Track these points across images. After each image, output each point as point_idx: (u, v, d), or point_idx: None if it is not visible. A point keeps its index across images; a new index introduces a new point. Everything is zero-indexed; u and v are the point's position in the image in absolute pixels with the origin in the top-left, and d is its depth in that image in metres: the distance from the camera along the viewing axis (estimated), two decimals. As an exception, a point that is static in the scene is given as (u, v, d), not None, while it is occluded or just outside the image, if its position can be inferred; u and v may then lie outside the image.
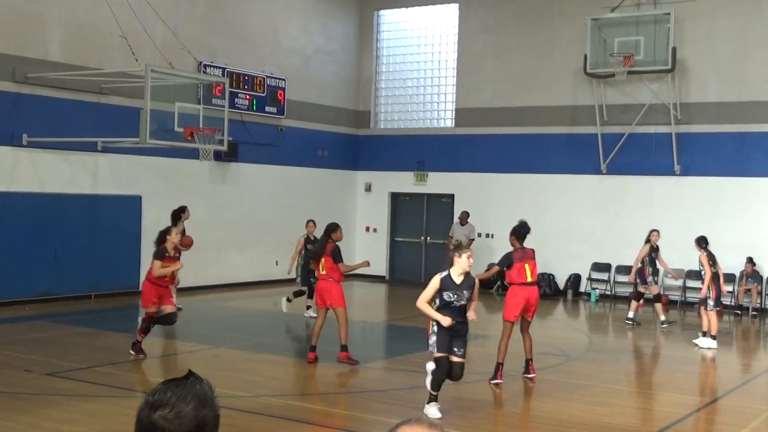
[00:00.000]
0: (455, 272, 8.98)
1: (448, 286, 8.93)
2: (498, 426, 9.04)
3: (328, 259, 11.74)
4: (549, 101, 22.02)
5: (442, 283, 8.93)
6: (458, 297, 8.92)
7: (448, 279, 8.95)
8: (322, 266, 11.77)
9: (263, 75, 21.66)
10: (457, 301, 8.92)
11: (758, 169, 19.65)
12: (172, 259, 11.89)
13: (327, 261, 11.73)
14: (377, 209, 24.61)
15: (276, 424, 8.74)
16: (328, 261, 11.73)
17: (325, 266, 11.75)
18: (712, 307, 14.54)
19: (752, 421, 9.57)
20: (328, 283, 11.76)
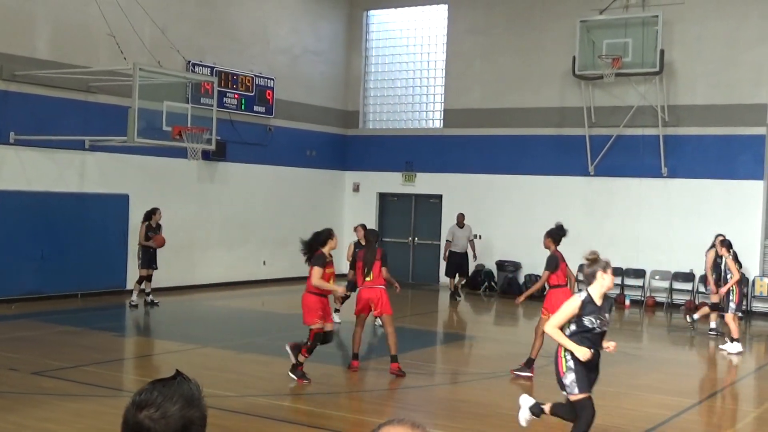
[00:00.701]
0: (596, 292, 7.39)
1: (590, 309, 7.34)
2: (486, 427, 9.05)
3: (378, 264, 11.41)
4: (537, 102, 22.07)
5: (584, 306, 7.34)
6: (601, 322, 7.37)
7: (590, 301, 7.36)
8: (373, 273, 11.38)
9: (252, 74, 21.63)
10: (600, 327, 7.37)
11: (745, 171, 19.75)
12: (329, 264, 11.06)
13: (377, 266, 11.40)
14: (365, 209, 24.60)
15: (263, 424, 8.73)
16: (378, 266, 11.40)
17: (373, 272, 11.37)
18: (734, 310, 14.62)
19: (738, 422, 9.62)
20: (377, 290, 11.36)
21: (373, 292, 11.32)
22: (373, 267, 11.32)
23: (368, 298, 11.33)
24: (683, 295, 20.28)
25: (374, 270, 11.32)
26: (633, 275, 20.85)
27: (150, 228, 16.86)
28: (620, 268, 20.91)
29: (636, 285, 20.77)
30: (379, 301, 11.30)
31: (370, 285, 11.35)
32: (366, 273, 11.37)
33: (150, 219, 16.87)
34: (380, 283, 11.35)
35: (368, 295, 11.34)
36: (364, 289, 11.41)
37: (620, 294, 20.66)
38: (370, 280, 11.34)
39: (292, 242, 23.31)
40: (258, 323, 16.80)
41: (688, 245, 20.11)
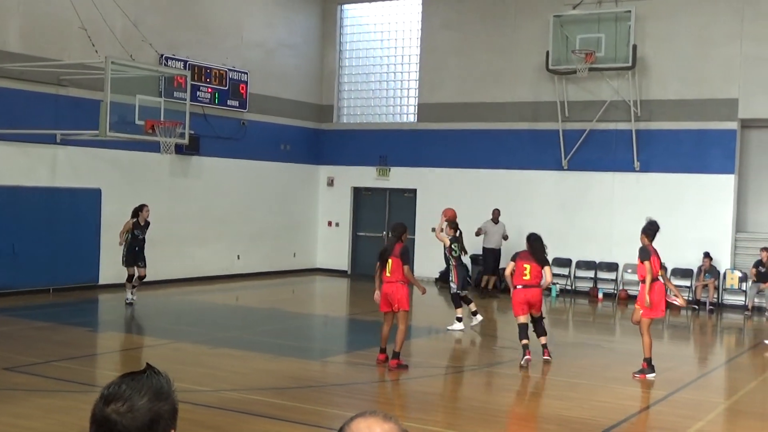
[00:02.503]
0: None
1: None
2: (458, 420, 9.08)
3: (396, 260, 11.25)
4: (511, 97, 22.14)
5: None
6: None
7: None
8: (389, 268, 11.24)
9: (225, 68, 21.53)
10: None
11: (716, 165, 19.93)
12: None
13: (395, 262, 11.23)
14: (340, 204, 24.59)
15: (236, 418, 8.71)
16: (396, 262, 11.23)
17: (392, 267, 11.23)
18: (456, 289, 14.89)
19: (708, 414, 9.71)
20: (394, 285, 11.24)
21: (390, 287, 11.22)
22: (391, 261, 11.20)
23: (386, 292, 11.27)
24: (655, 289, 20.39)
25: (393, 265, 11.19)
26: (606, 269, 20.98)
27: (137, 225, 16.25)
28: (593, 261, 21.07)
29: (609, 278, 20.91)
30: (395, 296, 11.18)
31: (389, 280, 11.24)
32: (384, 267, 11.26)
33: (137, 216, 16.27)
34: (398, 278, 11.20)
35: (386, 289, 11.27)
36: (385, 284, 11.32)
37: (593, 287, 20.83)
38: (390, 276, 11.22)
39: (266, 236, 23.39)
40: (232, 318, 16.74)
41: (660, 239, 20.13)
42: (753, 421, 9.69)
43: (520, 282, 12.06)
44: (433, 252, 22.86)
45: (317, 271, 24.36)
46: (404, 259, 11.26)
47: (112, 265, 18.72)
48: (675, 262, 20.10)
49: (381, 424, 2.12)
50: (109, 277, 18.66)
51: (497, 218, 20.64)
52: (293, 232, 23.93)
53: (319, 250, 24.78)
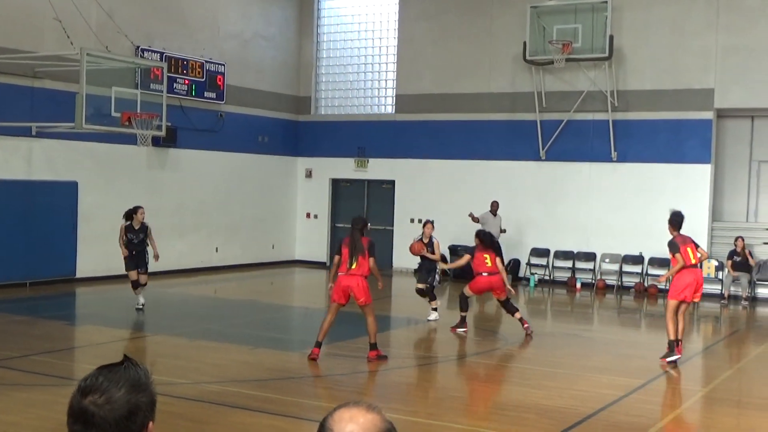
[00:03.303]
0: None
1: None
2: (438, 409, 9.10)
3: (365, 254, 11.03)
4: (489, 88, 22.17)
5: None
6: None
7: None
8: (356, 262, 10.98)
9: (202, 60, 21.42)
10: None
11: (693, 155, 20.06)
12: None
13: (363, 258, 11.00)
14: (318, 195, 24.56)
15: (215, 410, 8.69)
16: (365, 256, 11.01)
17: (359, 262, 10.97)
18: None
19: (685, 402, 9.80)
20: (358, 278, 10.98)
21: (352, 280, 10.97)
22: (360, 256, 10.96)
23: (347, 285, 10.97)
24: (633, 278, 20.57)
25: (361, 259, 10.96)
26: (584, 258, 21.09)
27: (131, 229, 14.86)
28: (571, 251, 21.17)
29: (587, 268, 21.02)
30: (359, 290, 10.95)
31: (353, 273, 10.97)
32: (351, 262, 10.99)
33: (131, 219, 14.85)
34: (363, 272, 10.99)
35: (347, 282, 10.98)
36: (344, 276, 11.03)
37: (571, 277, 20.94)
38: (354, 268, 10.98)
39: (244, 229, 23.33)
40: (210, 310, 16.69)
41: (637, 229, 20.41)
42: (729, 408, 9.79)
43: (485, 269, 13.64)
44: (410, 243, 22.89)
45: (296, 263, 24.33)
46: (371, 253, 11.08)
47: (89, 259, 18.64)
48: (652, 251, 20.24)
49: (364, 415, 2.12)
50: (87, 271, 18.57)
51: (495, 210, 20.38)
52: (271, 224, 23.87)
53: (298, 242, 24.74)
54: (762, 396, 10.27)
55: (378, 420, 2.13)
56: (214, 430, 8.13)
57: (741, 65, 19.49)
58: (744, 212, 20.53)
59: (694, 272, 11.82)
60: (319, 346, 11.13)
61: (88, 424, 2.16)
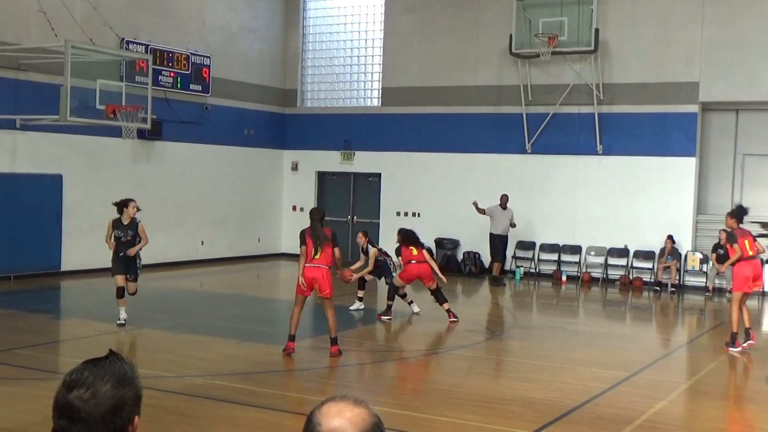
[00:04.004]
0: None
1: None
2: (423, 402, 9.12)
3: (329, 244, 10.91)
4: (475, 81, 22.18)
5: None
6: None
7: None
8: (320, 253, 10.83)
9: (187, 52, 21.33)
10: None
11: (678, 148, 20.14)
12: None
13: (328, 246, 10.90)
14: (304, 188, 24.53)
15: (201, 403, 8.68)
16: (329, 246, 10.90)
17: (323, 252, 10.84)
18: None
19: (670, 394, 9.85)
20: (323, 270, 10.84)
21: (318, 272, 10.84)
22: (324, 246, 10.85)
23: (312, 277, 10.83)
24: (618, 271, 20.65)
25: (325, 248, 10.87)
26: (569, 251, 21.15)
27: (118, 225, 12.71)
28: (557, 244, 21.23)
29: (572, 261, 21.08)
30: (324, 281, 10.86)
31: (317, 263, 10.84)
32: (315, 252, 10.85)
33: (121, 213, 12.80)
34: (326, 263, 10.89)
35: (313, 274, 10.84)
36: (309, 268, 10.87)
37: (557, 270, 21.00)
38: (318, 258, 10.85)
39: (230, 222, 23.26)
40: (196, 303, 16.66)
41: (622, 221, 20.49)
42: (713, 400, 9.85)
43: (413, 258, 14.49)
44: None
45: (282, 256, 24.29)
46: (335, 242, 11.03)
47: (75, 252, 18.56)
48: (637, 244, 20.34)
49: (352, 409, 2.13)
50: (72, 264, 18.50)
51: (505, 204, 20.20)
52: (257, 217, 23.83)
53: (284, 235, 24.70)
54: (747, 388, 10.34)
55: (365, 414, 2.14)
56: (200, 423, 8.12)
57: (726, 59, 19.57)
58: (729, 205, 20.56)
59: (752, 264, 12.40)
60: (293, 340, 11.01)
61: (74, 419, 2.16)
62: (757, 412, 9.04)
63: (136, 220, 12.84)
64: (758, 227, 19.96)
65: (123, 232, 12.73)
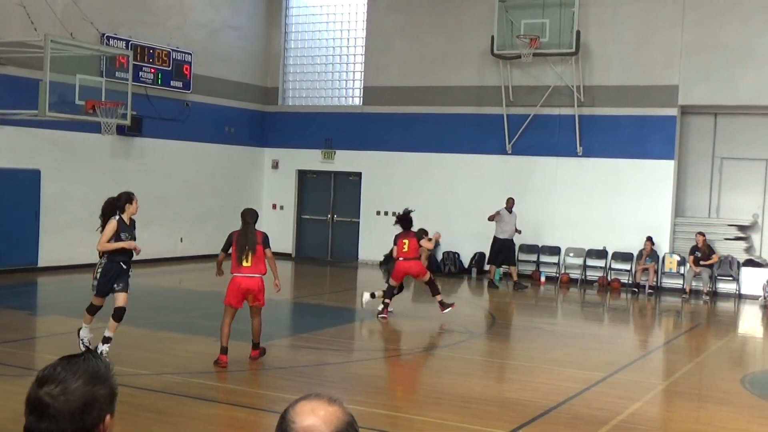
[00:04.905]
0: None
1: None
2: (400, 402, 9.13)
3: (260, 248, 10.10)
4: (456, 81, 22.21)
5: None
6: None
7: None
8: (251, 258, 10.06)
9: (169, 48, 21.24)
10: None
11: (657, 151, 20.26)
12: None
13: (259, 250, 10.09)
14: (284, 186, 24.48)
15: (178, 401, 8.65)
16: (261, 250, 10.10)
17: (256, 257, 10.08)
18: None
19: (646, 395, 9.91)
20: (258, 280, 10.10)
21: (253, 282, 10.07)
22: (254, 251, 10.08)
23: (247, 288, 10.06)
24: (597, 272, 20.75)
25: (257, 254, 10.08)
26: (548, 252, 21.23)
27: (123, 226, 10.46)
28: (536, 245, 21.29)
29: (551, 262, 21.16)
30: (260, 292, 10.12)
31: (249, 273, 10.06)
32: (243, 258, 10.06)
33: (124, 210, 10.52)
34: (260, 271, 10.14)
35: (248, 285, 10.05)
36: (241, 277, 10.07)
37: (536, 271, 21.06)
38: (248, 266, 10.05)
39: (210, 219, 23.16)
40: (175, 301, 16.60)
41: (601, 223, 20.58)
42: (688, 401, 9.93)
43: (401, 255, 14.31)
44: (376, 236, 22.93)
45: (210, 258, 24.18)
46: (266, 245, 10.23)
47: (52, 248, 18.44)
48: (616, 246, 20.45)
49: (325, 407, 2.13)
50: (49, 260, 18.37)
51: (511, 207, 19.81)
52: (237, 214, 23.45)
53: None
54: (721, 389, 10.42)
55: (339, 412, 2.14)
56: (176, 421, 8.09)
57: (705, 62, 19.70)
58: (706, 208, 20.78)
59: None
60: (225, 353, 10.16)
61: (43, 415, 2.14)
62: (731, 414, 9.11)
63: (133, 219, 10.78)
64: (735, 230, 20.14)
65: (127, 235, 10.47)
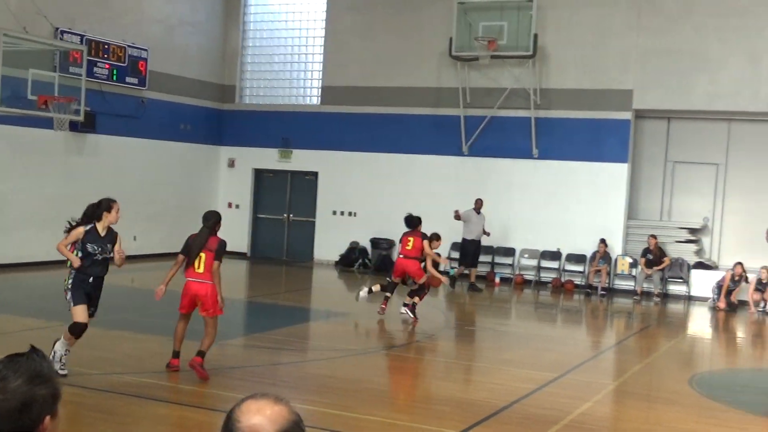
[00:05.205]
0: None
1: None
2: (354, 402, 9.13)
3: (210, 254, 9.57)
4: (415, 82, 22.26)
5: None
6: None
7: None
8: (201, 262, 9.56)
9: (124, 44, 21.01)
10: None
11: (611, 154, 20.49)
12: None
13: (209, 256, 9.56)
14: (240, 185, 24.35)
15: (127, 401, 8.56)
16: (210, 257, 9.56)
17: (205, 263, 9.54)
18: None
19: (596, 395, 10.02)
20: (207, 286, 9.54)
21: (202, 288, 9.55)
22: (204, 256, 9.56)
23: (195, 293, 9.59)
24: (550, 273, 20.93)
25: (207, 260, 9.55)
26: (503, 254, 21.37)
27: (93, 236, 9.40)
28: (491, 246, 21.41)
29: (506, 263, 21.30)
30: (207, 299, 9.56)
31: (200, 278, 9.57)
32: (195, 263, 9.57)
33: (98, 218, 9.63)
34: (208, 278, 9.58)
35: (196, 290, 9.57)
36: (191, 282, 9.63)
37: (490, 272, 21.18)
38: (200, 272, 9.55)
39: (164, 218, 22.95)
40: (127, 300, 16.41)
41: (556, 225, 20.76)
42: (638, 401, 10.06)
43: (403, 252, 14.32)
44: (332, 236, 22.95)
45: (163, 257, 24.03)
46: (218, 255, 9.62)
47: (2, 246, 18.14)
48: (570, 247, 20.64)
49: (272, 406, 2.14)
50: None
51: (479, 208, 19.91)
52: (192, 213, 23.38)
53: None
54: (669, 390, 10.57)
55: (285, 411, 2.14)
56: (125, 421, 8.00)
57: (659, 67, 19.98)
58: (658, 211, 21.07)
59: None
60: (177, 357, 9.86)
61: (-21, 414, 2.11)
62: (680, 413, 9.25)
63: (114, 231, 9.72)
64: (686, 233, 20.44)
65: (100, 247, 9.39)
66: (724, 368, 13.09)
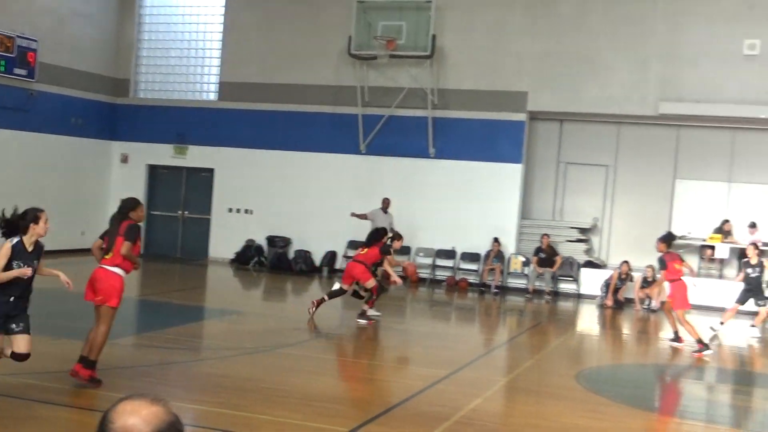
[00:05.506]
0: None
1: None
2: (244, 401, 9.04)
3: (120, 239, 9.08)
4: (313, 80, 22.21)
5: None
6: None
7: None
8: (111, 250, 9.14)
9: (13, 35, 20.31)
10: None
11: (506, 155, 20.87)
12: None
13: (119, 242, 9.08)
14: (133, 182, 23.82)
15: (9, 403, 8.27)
16: (120, 242, 9.08)
17: (115, 249, 9.10)
18: None
19: (487, 391, 10.18)
20: (107, 271, 9.10)
21: (101, 273, 9.11)
22: (114, 243, 9.14)
23: (94, 278, 9.14)
24: (445, 272, 21.18)
25: (117, 247, 9.09)
26: (399, 252, 21.47)
27: (21, 252, 8.35)
28: (388, 245, 21.49)
29: (402, 262, 21.42)
30: (104, 284, 9.03)
31: (105, 264, 9.15)
32: (107, 250, 9.19)
33: (24, 231, 8.55)
34: (114, 262, 9.09)
35: (95, 275, 9.14)
36: (98, 268, 9.23)
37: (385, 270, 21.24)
38: (110, 258, 9.14)
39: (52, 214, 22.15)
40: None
41: (451, 224, 21.03)
42: (528, 396, 10.26)
43: (355, 256, 14.87)
44: (227, 234, 22.71)
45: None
46: (128, 237, 9.09)
47: None
48: (464, 246, 20.93)
49: (148, 407, 2.11)
50: None
51: (387, 208, 20.06)
52: (82, 210, 22.95)
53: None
54: (558, 385, 10.81)
55: (161, 412, 2.12)
56: (5, 423, 7.73)
57: (553, 70, 20.45)
58: (551, 211, 21.57)
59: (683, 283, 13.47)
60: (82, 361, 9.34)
61: None
62: (565, 408, 9.47)
63: (41, 244, 8.77)
64: (577, 233, 20.98)
65: (27, 263, 8.34)
66: (609, 364, 13.49)
